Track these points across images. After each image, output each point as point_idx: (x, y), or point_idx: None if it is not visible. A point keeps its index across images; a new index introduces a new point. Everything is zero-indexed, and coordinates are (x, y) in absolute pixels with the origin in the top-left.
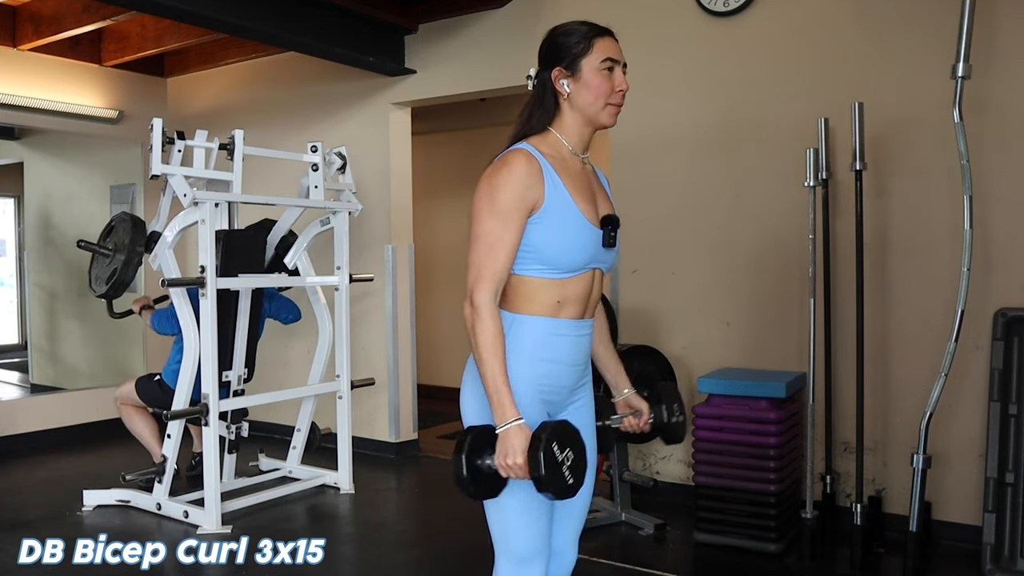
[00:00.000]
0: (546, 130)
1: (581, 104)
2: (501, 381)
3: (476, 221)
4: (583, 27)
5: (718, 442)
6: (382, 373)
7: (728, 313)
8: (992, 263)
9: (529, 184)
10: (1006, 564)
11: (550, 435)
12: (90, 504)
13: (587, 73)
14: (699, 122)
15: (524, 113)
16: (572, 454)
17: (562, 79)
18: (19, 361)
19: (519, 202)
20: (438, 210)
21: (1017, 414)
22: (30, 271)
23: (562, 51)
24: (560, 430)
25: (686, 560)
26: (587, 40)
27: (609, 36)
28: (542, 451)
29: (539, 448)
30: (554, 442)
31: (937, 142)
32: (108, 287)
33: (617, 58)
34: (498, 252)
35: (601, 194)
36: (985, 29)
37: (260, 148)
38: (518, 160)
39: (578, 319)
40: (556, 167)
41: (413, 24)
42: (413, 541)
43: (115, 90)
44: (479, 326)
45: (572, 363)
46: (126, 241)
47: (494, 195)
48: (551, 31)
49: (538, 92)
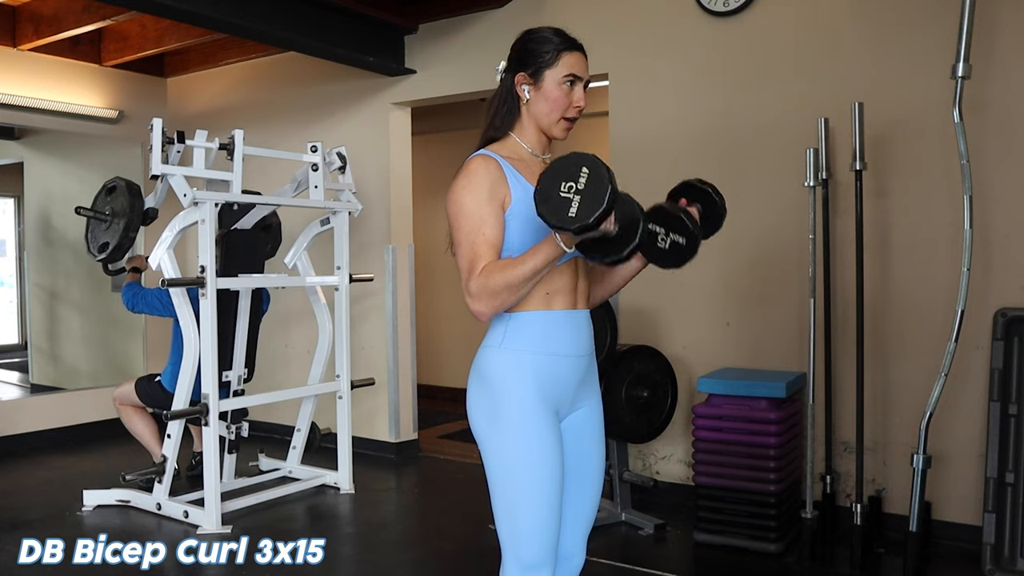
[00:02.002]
0: (507, 135)
1: (537, 113)
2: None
3: (454, 230)
4: (556, 38)
5: (718, 442)
6: (382, 373)
7: (728, 313)
8: (992, 263)
9: (492, 180)
10: (1006, 564)
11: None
12: (90, 504)
13: (548, 84)
14: (699, 122)
15: (488, 112)
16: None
17: (524, 84)
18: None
19: (487, 196)
20: (438, 210)
21: (1017, 414)
22: (30, 271)
23: (529, 58)
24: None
25: (686, 560)
26: (556, 52)
27: (578, 51)
28: (641, 230)
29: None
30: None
31: (937, 142)
32: (108, 253)
33: (580, 75)
34: (481, 246)
35: None
36: (985, 29)
37: (260, 148)
38: (475, 163)
39: (571, 309)
40: (517, 167)
41: (413, 24)
42: (413, 541)
43: (115, 90)
44: (489, 282)
45: (574, 354)
46: (125, 206)
47: (461, 199)
48: (524, 35)
49: (501, 93)
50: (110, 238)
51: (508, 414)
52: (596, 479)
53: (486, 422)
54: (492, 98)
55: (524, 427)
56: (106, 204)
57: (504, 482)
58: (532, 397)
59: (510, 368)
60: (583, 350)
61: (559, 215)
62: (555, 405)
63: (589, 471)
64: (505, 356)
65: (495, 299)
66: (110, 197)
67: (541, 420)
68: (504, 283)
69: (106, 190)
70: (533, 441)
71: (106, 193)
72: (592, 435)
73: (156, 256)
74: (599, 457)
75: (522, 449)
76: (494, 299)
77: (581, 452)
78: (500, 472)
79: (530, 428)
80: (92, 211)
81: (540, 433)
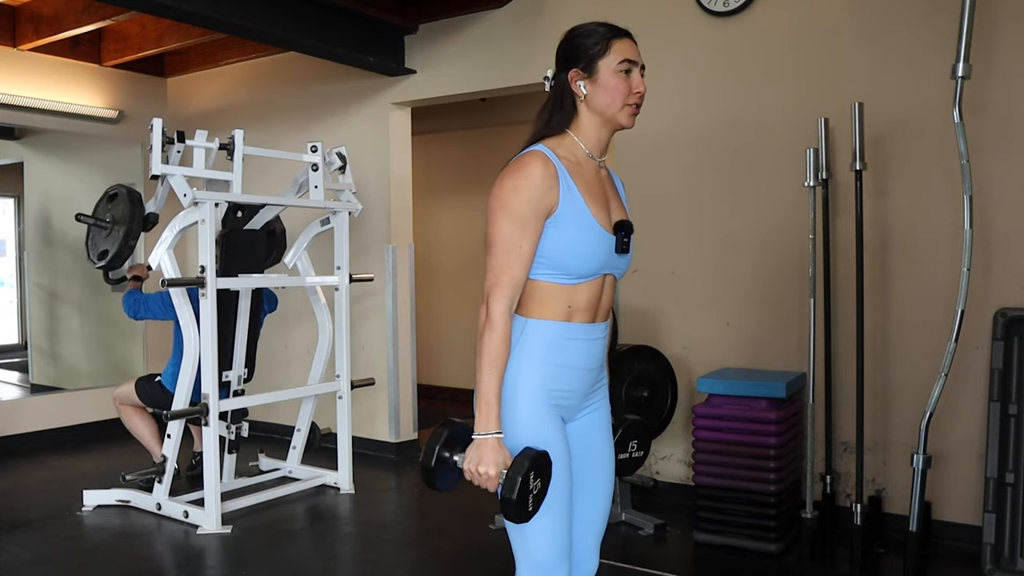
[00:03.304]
0: (564, 132)
1: (598, 106)
2: (494, 396)
3: (493, 224)
4: (601, 28)
5: (718, 442)
6: (382, 373)
7: (728, 313)
8: (992, 263)
9: (545, 188)
10: (1006, 564)
11: (532, 463)
12: (90, 504)
13: (604, 74)
14: (699, 122)
15: (542, 115)
16: (540, 485)
17: (579, 80)
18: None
19: (536, 207)
20: (438, 210)
21: (1017, 414)
22: (30, 271)
23: (580, 52)
24: (540, 460)
25: (686, 560)
26: (605, 41)
27: (627, 37)
28: (521, 477)
29: (519, 473)
30: (533, 471)
31: (937, 142)
32: (108, 260)
33: (635, 59)
34: (515, 259)
35: (615, 199)
36: (985, 29)
37: (260, 148)
38: (535, 163)
39: (590, 323)
40: (571, 171)
41: (413, 24)
42: (413, 541)
43: (115, 90)
44: (488, 335)
45: (584, 367)
46: (126, 214)
47: (511, 199)
48: (569, 32)
49: (556, 94)
50: (110, 246)
51: (514, 420)
52: (606, 483)
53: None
54: (545, 102)
55: (530, 433)
56: (107, 211)
57: None
58: (539, 404)
59: (519, 375)
60: (595, 363)
61: (522, 497)
62: (562, 412)
63: (598, 475)
64: (515, 363)
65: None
66: (111, 204)
67: (547, 426)
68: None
69: (107, 197)
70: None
71: (107, 200)
72: (600, 438)
73: (156, 256)
74: (608, 460)
75: None
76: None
77: (589, 456)
78: None
79: (536, 434)
80: (92, 218)
81: (546, 438)
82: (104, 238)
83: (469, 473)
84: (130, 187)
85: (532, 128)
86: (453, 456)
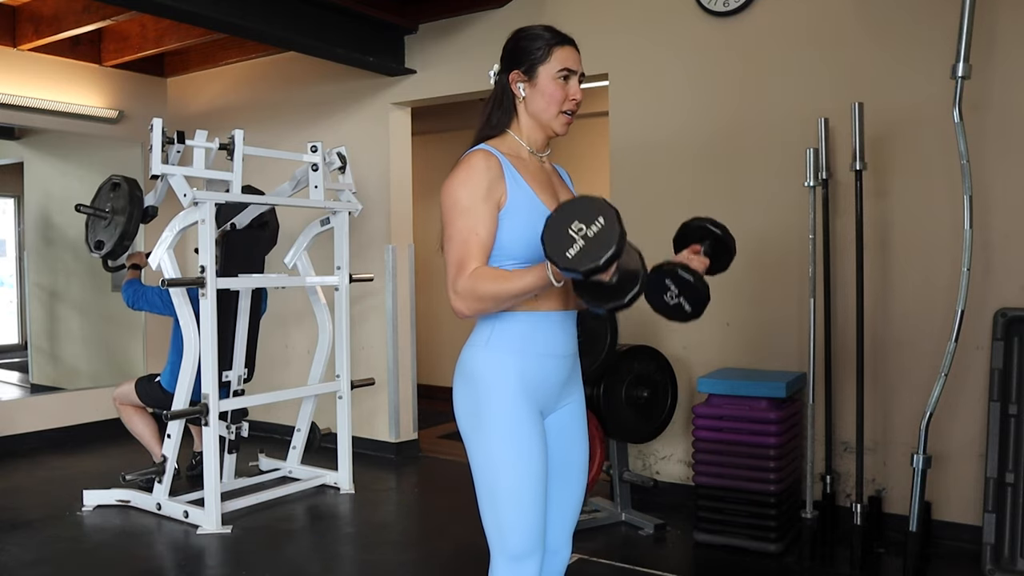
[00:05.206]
0: (504, 132)
1: (534, 110)
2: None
3: (447, 223)
4: (546, 33)
5: (718, 442)
6: (382, 373)
7: (728, 313)
8: (992, 263)
9: (492, 178)
10: (1006, 564)
11: (567, 212)
12: (90, 504)
13: (543, 80)
14: (699, 122)
15: (483, 114)
16: (584, 229)
17: (519, 83)
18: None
19: (484, 195)
20: (438, 210)
21: (1017, 414)
22: (30, 271)
23: (522, 56)
24: (569, 208)
25: (686, 560)
26: (548, 47)
27: (570, 45)
28: (640, 283)
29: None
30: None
31: (937, 142)
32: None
33: (574, 68)
34: (473, 246)
35: (563, 190)
36: (985, 29)
37: (260, 148)
38: (477, 158)
39: (560, 310)
40: (516, 165)
41: (413, 24)
42: (413, 541)
43: (115, 90)
44: (477, 286)
45: (561, 354)
46: (125, 204)
47: (458, 194)
48: (515, 33)
49: (497, 93)
50: (110, 235)
51: (491, 413)
52: (580, 475)
53: (470, 420)
54: (488, 99)
55: (507, 425)
56: (107, 201)
57: (487, 477)
58: (516, 396)
59: (494, 368)
60: (569, 350)
61: (557, 249)
62: (539, 404)
63: (573, 467)
64: (490, 356)
65: (479, 304)
66: (113, 194)
67: (524, 418)
68: (492, 293)
69: (109, 186)
70: (515, 438)
71: (109, 189)
72: (576, 432)
73: (156, 256)
74: (583, 453)
75: (504, 445)
76: (478, 304)
77: (565, 449)
78: (484, 467)
79: (513, 426)
80: (92, 208)
81: (522, 431)
82: (104, 228)
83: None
84: (130, 178)
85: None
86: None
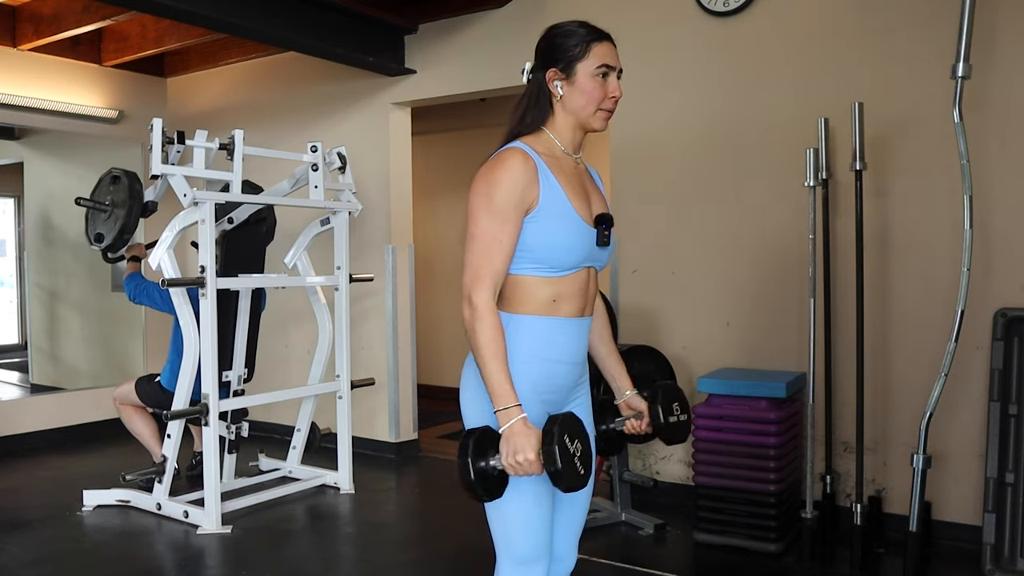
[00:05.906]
0: (539, 130)
1: (573, 107)
2: (504, 379)
3: (472, 220)
4: (582, 30)
5: (718, 442)
6: (382, 373)
7: (728, 313)
8: (992, 263)
9: (526, 183)
10: (1006, 564)
11: (561, 428)
12: (90, 504)
13: (581, 77)
14: (699, 122)
15: (517, 111)
16: (581, 445)
17: (556, 81)
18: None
19: (516, 201)
20: (438, 210)
21: (1017, 414)
22: (30, 271)
23: (559, 53)
24: (569, 422)
25: (686, 560)
26: (584, 44)
27: (607, 41)
28: (556, 445)
29: (553, 442)
30: (565, 434)
31: (937, 142)
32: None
33: (613, 64)
34: (495, 252)
35: (595, 192)
36: (985, 29)
37: (260, 148)
38: (515, 158)
39: (576, 317)
40: (550, 166)
41: (413, 24)
42: (413, 541)
43: (115, 90)
44: (479, 326)
45: (571, 361)
46: (125, 197)
47: (491, 194)
48: (549, 30)
49: (532, 91)
50: (109, 228)
51: None
52: None
53: (478, 419)
54: (520, 97)
55: None
56: (107, 194)
57: None
58: (524, 398)
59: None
60: (580, 357)
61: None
62: (547, 406)
63: None
64: None
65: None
66: (113, 187)
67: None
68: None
69: (109, 179)
70: None
71: (109, 182)
72: None
73: (156, 256)
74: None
75: None
76: (470, 332)
77: None
78: None
79: None
80: (92, 201)
81: None
82: (103, 221)
83: (511, 468)
84: (130, 171)
85: (508, 125)
86: (489, 461)
